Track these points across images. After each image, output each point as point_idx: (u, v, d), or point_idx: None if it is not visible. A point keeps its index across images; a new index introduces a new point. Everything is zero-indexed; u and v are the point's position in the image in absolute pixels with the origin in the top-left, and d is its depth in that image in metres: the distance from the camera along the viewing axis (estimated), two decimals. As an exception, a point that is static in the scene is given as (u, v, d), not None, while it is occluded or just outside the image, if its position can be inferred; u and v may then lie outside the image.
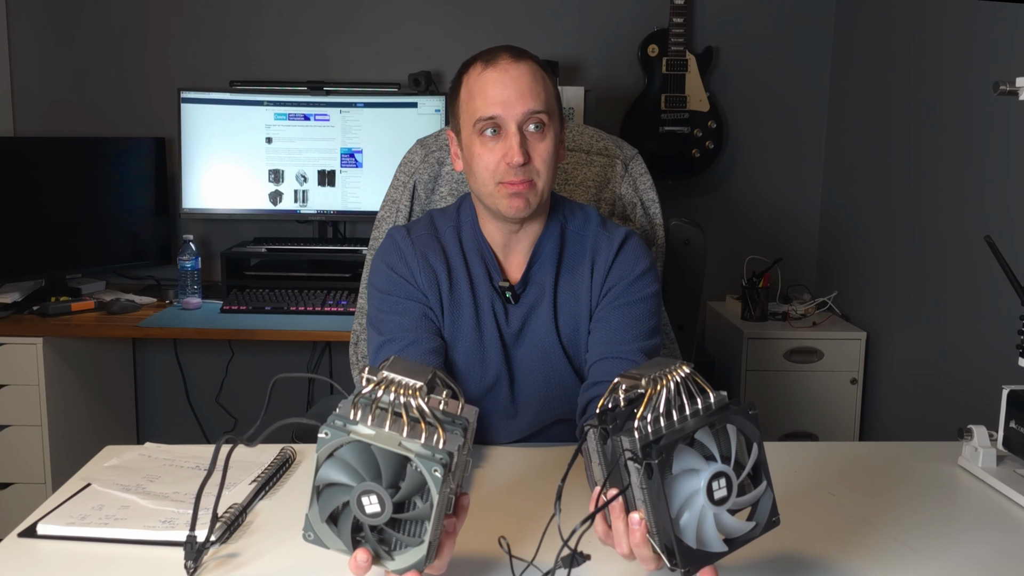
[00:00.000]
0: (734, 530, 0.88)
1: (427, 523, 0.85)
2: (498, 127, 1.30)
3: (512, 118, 1.29)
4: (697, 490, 0.85)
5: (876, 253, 2.70)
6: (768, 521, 0.90)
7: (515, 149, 1.28)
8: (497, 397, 1.41)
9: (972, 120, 2.20)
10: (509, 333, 1.39)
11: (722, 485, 0.85)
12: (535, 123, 1.30)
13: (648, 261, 1.41)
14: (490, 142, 1.30)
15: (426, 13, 2.97)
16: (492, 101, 1.29)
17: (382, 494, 0.84)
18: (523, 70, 1.30)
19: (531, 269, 1.39)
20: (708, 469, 0.85)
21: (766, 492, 0.90)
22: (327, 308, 2.49)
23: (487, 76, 1.30)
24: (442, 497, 0.84)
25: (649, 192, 1.70)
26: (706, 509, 0.85)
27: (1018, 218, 1.99)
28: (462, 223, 1.42)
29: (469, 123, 1.32)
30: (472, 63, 1.34)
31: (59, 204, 2.64)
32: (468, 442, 0.91)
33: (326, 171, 2.79)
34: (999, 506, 1.20)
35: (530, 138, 1.30)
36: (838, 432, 2.69)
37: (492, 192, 1.31)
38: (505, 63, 1.30)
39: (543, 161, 1.30)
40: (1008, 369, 1.84)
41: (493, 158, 1.30)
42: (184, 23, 2.94)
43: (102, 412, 2.82)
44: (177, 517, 1.07)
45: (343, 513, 0.87)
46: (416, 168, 1.67)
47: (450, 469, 0.84)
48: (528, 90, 1.29)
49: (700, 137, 2.90)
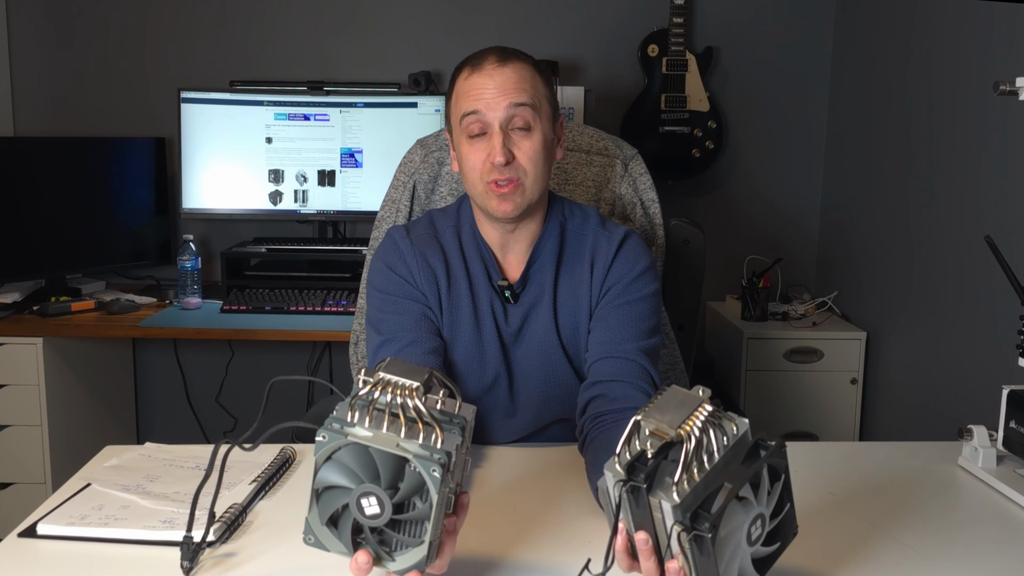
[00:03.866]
0: (762, 555, 0.88)
1: (427, 523, 0.85)
2: (484, 129, 1.31)
3: (495, 118, 1.30)
4: (740, 540, 0.83)
5: (876, 253, 2.70)
6: (789, 535, 0.91)
7: (497, 148, 1.29)
8: (496, 397, 1.41)
9: (972, 120, 2.20)
10: (508, 332, 1.40)
11: (758, 526, 0.85)
12: (520, 123, 1.31)
13: (648, 260, 1.41)
14: (476, 142, 1.32)
15: (426, 13, 2.97)
16: (475, 99, 1.31)
17: (381, 495, 0.84)
18: (507, 72, 1.31)
19: (530, 268, 1.40)
20: (749, 517, 0.83)
21: (788, 510, 0.90)
22: (327, 308, 2.49)
23: (473, 79, 1.32)
24: (441, 496, 0.84)
25: (649, 192, 1.71)
26: (745, 552, 0.84)
27: (1018, 218, 1.99)
28: (461, 223, 1.42)
29: (457, 124, 1.34)
30: (462, 67, 1.36)
31: (59, 204, 2.64)
32: (467, 441, 0.91)
33: (326, 171, 2.79)
34: (999, 506, 1.19)
35: (515, 137, 1.31)
36: (838, 432, 2.69)
37: (482, 192, 1.33)
38: (491, 67, 1.32)
39: (529, 159, 1.32)
40: (1008, 369, 1.84)
41: (479, 158, 1.32)
42: (184, 23, 2.94)
43: (102, 412, 2.82)
44: (177, 517, 1.07)
45: (343, 515, 0.87)
46: (416, 168, 1.67)
47: (448, 468, 0.84)
48: (512, 88, 1.30)
49: (700, 137, 2.90)
